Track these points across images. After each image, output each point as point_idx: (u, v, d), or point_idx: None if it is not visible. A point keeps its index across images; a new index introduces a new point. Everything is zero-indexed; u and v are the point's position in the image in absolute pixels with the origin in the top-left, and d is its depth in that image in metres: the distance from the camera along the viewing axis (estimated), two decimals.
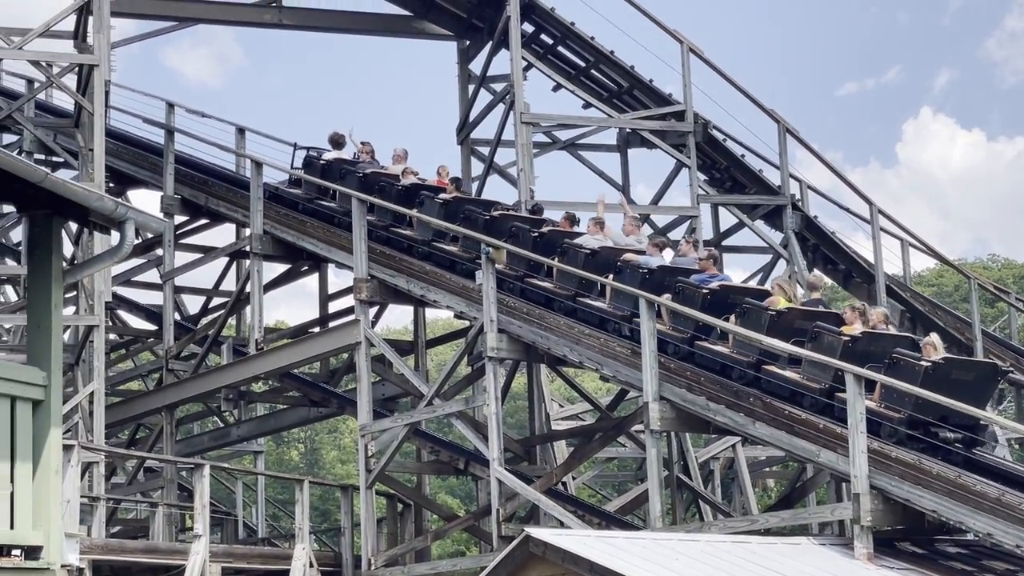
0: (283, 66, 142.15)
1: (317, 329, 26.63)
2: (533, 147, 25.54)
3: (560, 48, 27.66)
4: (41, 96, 29.39)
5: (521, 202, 24.39)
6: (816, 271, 25.84)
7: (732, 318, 17.86)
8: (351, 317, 23.24)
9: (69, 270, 10.59)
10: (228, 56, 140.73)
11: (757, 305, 17.90)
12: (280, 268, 26.84)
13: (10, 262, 30.76)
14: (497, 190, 28.30)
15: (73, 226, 20.94)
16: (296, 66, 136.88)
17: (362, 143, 25.13)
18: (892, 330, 18.06)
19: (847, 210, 27.94)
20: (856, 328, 17.07)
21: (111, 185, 26.85)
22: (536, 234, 21.00)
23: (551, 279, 20.43)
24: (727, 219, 28.16)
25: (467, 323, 22.58)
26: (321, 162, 24.92)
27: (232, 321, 29.04)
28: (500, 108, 27.00)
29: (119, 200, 9.99)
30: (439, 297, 21.79)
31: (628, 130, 27.65)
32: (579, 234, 21.02)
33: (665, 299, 18.35)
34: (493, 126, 27.50)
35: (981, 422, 16.22)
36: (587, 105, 27.12)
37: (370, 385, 22.40)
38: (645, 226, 23.26)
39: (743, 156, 27.70)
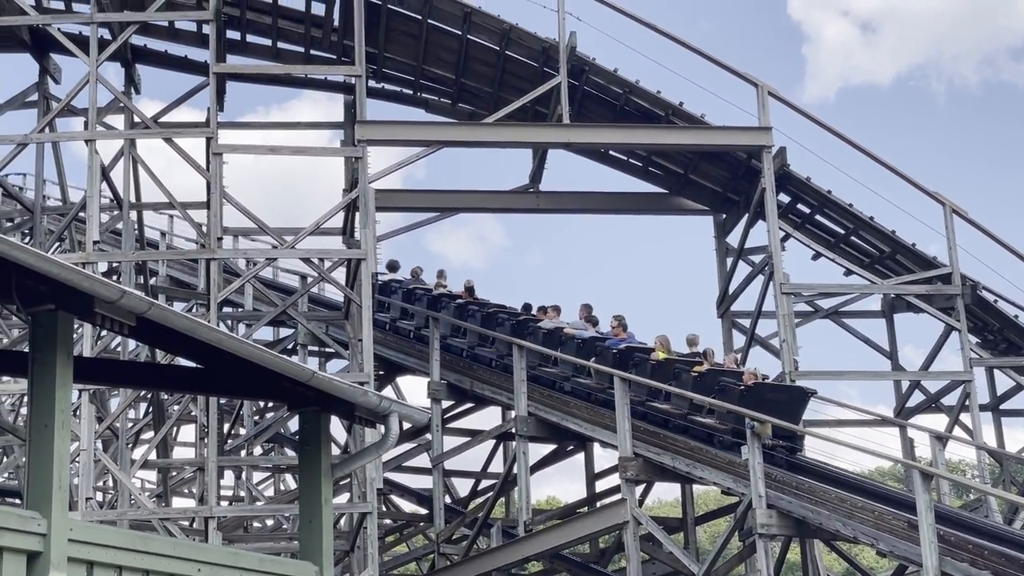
0: (543, 244, 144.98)
1: (585, 509, 26.55)
2: (795, 317, 25.24)
3: (818, 216, 27.41)
4: (314, 289, 30.67)
5: (785, 374, 24.13)
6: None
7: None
8: (618, 496, 23.11)
9: (338, 464, 10.87)
10: (489, 237, 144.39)
11: (644, 358, 23.59)
12: (547, 448, 26.98)
13: (289, 451, 31.83)
14: (760, 362, 28.12)
15: None
16: (556, 243, 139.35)
17: (413, 268, 29.92)
18: (735, 368, 23.56)
19: None
20: (704, 367, 22.98)
21: (380, 373, 27.60)
22: (513, 321, 26.29)
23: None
24: (1004, 382, 27.17)
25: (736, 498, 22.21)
26: (378, 282, 28.51)
27: (501, 501, 29.21)
28: (759, 279, 26.85)
29: (383, 395, 10.27)
30: (705, 474, 21.53)
31: (893, 295, 27.10)
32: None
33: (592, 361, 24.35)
34: (753, 298, 27.36)
35: (798, 432, 21.95)
36: (848, 272, 26.74)
37: (640, 565, 22.10)
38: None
39: (1016, 317, 26.76)
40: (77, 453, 21.97)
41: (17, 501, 27.93)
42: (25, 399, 28.00)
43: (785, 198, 26.85)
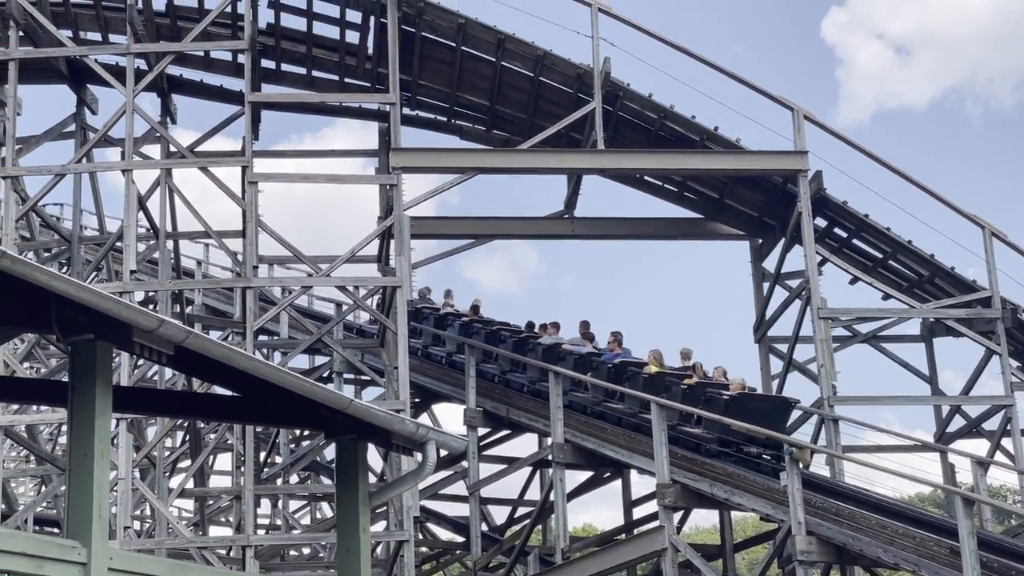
0: (577, 270, 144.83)
1: (623, 536, 26.40)
2: (833, 341, 25.07)
3: (855, 240, 27.24)
4: (349, 317, 30.67)
5: (824, 399, 23.99)
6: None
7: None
8: (656, 523, 22.98)
9: (375, 492, 10.82)
10: (523, 263, 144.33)
11: (637, 371, 24.30)
12: (584, 475, 26.86)
13: (325, 480, 31.83)
14: (798, 387, 28.05)
15: None
16: (590, 269, 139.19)
17: (421, 288, 30.51)
18: (722, 380, 23.97)
19: None
20: (693, 380, 23.75)
21: (416, 400, 27.55)
22: (515, 338, 27.33)
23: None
24: None
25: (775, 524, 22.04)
26: None
27: (538, 529, 29.08)
28: (797, 304, 26.69)
29: (420, 422, 10.22)
30: (743, 500, 21.37)
31: (932, 319, 26.88)
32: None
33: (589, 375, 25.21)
34: (790, 323, 27.17)
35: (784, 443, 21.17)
36: (886, 296, 26.55)
37: None
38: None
39: None
40: (115, 482, 22.02)
41: (56, 530, 28.03)
42: (64, 428, 28.11)
43: (822, 222, 26.70)
